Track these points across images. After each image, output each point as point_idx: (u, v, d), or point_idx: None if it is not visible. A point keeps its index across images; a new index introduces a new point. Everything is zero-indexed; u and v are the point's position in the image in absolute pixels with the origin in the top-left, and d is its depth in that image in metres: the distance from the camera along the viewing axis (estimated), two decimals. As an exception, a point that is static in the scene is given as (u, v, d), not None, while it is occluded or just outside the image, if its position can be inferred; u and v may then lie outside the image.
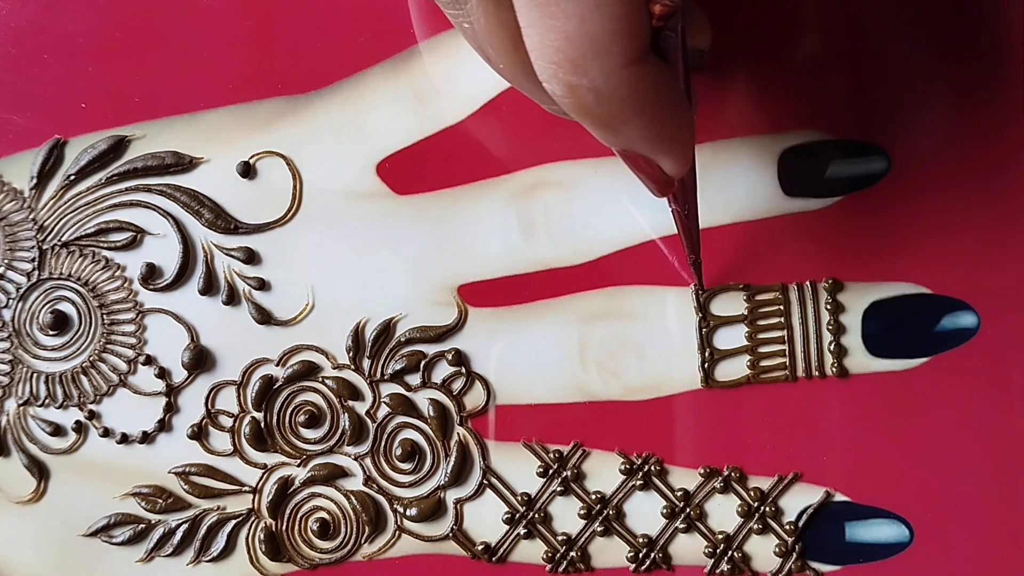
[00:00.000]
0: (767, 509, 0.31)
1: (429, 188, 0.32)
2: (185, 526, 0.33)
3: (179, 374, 0.33)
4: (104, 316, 0.33)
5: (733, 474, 0.31)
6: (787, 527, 0.31)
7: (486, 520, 0.32)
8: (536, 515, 0.32)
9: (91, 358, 0.33)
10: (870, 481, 0.30)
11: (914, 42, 0.31)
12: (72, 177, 0.33)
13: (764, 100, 0.31)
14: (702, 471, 0.31)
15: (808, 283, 0.31)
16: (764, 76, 0.31)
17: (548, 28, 0.21)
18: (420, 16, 0.32)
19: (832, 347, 0.31)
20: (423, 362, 0.32)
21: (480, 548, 0.32)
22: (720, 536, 0.31)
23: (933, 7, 0.31)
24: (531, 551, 0.32)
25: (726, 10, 0.30)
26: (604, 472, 0.31)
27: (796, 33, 0.31)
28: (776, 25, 0.31)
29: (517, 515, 0.32)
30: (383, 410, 0.32)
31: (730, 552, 0.31)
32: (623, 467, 0.31)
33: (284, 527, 0.33)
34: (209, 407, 0.33)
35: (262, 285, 0.33)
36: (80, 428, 0.33)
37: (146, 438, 0.33)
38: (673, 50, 0.23)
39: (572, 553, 0.31)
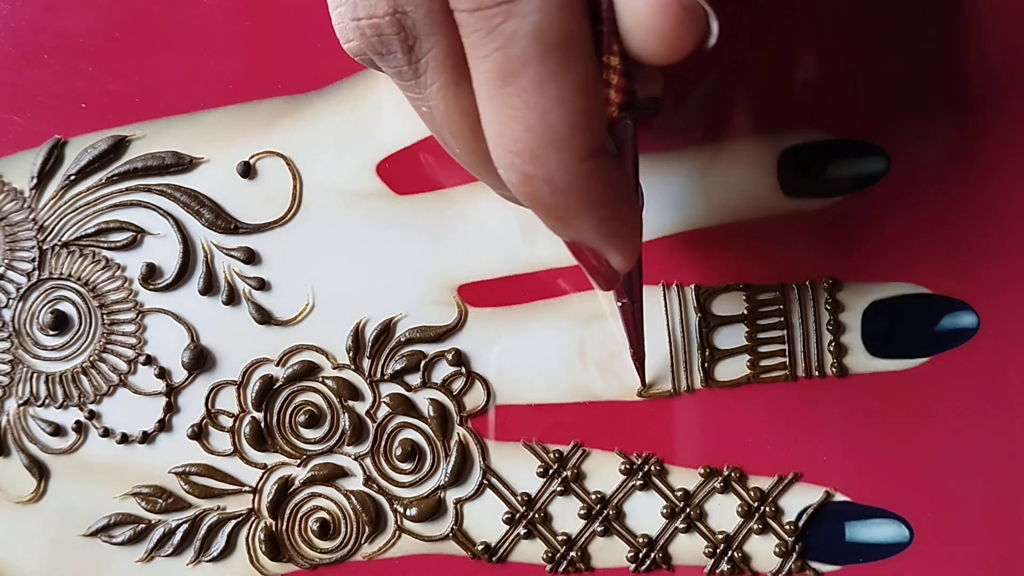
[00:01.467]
0: (767, 509, 0.31)
1: (429, 188, 0.32)
2: (185, 526, 0.33)
3: (179, 374, 0.33)
4: (104, 316, 0.33)
5: (733, 474, 0.31)
6: (787, 527, 0.31)
7: (486, 520, 0.32)
8: (536, 515, 0.32)
9: (91, 358, 0.33)
10: (870, 481, 0.30)
11: (914, 42, 0.31)
12: (72, 177, 0.33)
13: (764, 100, 0.31)
14: (702, 471, 0.31)
15: (808, 283, 0.31)
16: (763, 77, 0.31)
17: (509, 118, 0.21)
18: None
19: (832, 347, 0.31)
20: (423, 362, 0.32)
21: (480, 548, 0.32)
22: (720, 536, 0.31)
23: (933, 7, 0.31)
24: (531, 551, 0.32)
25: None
26: (604, 472, 0.31)
27: (795, 33, 0.31)
28: (776, 25, 0.31)
29: (517, 515, 0.32)
30: (383, 410, 0.32)
31: (730, 552, 0.31)
32: (623, 467, 0.31)
33: (284, 527, 0.33)
34: (209, 407, 0.33)
35: (262, 285, 0.33)
36: (80, 428, 0.33)
37: (146, 438, 0.33)
38: (627, 140, 0.24)
39: (572, 553, 0.31)
